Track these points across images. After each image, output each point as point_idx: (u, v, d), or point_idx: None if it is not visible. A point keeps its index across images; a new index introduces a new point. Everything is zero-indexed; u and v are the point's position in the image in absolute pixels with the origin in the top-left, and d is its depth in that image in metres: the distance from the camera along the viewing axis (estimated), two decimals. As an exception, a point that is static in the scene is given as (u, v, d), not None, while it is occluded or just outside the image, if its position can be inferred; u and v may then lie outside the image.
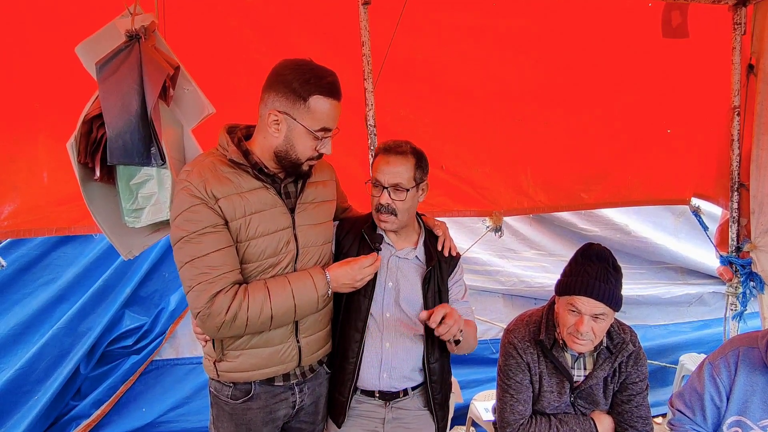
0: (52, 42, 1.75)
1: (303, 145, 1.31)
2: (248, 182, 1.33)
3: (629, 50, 2.42)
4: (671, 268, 3.88)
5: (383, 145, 1.54)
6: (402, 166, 1.49)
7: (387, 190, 1.48)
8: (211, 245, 1.26)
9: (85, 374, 2.88)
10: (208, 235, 1.26)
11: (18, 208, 1.93)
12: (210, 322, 1.26)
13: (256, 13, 2.04)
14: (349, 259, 1.44)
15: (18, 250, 2.80)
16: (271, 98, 1.29)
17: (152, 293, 3.10)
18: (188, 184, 1.27)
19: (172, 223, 1.31)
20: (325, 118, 1.30)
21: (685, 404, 1.69)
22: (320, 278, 1.37)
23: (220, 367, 1.41)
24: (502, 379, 1.68)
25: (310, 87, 1.26)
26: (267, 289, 1.30)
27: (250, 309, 1.27)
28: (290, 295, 1.32)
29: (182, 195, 1.27)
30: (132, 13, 1.48)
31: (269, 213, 1.34)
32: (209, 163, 1.32)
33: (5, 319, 2.78)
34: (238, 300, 1.26)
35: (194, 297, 1.26)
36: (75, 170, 1.46)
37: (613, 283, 1.47)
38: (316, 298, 1.36)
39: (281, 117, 1.28)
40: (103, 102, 1.41)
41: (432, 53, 2.25)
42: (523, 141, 2.48)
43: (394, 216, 1.50)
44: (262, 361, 1.41)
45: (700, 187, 2.74)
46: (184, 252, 1.26)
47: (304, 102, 1.26)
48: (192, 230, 1.25)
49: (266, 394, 1.45)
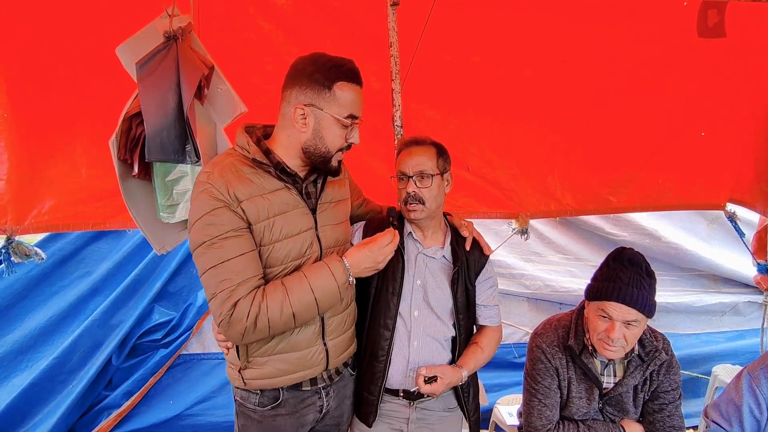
0: (92, 43, 1.82)
1: (332, 135, 1.28)
2: (270, 183, 1.28)
3: (662, 50, 2.35)
4: (703, 276, 3.75)
5: (403, 141, 1.60)
6: (424, 155, 1.52)
7: (412, 179, 1.50)
8: (234, 250, 1.21)
9: (116, 365, 2.98)
10: (231, 239, 1.21)
11: (57, 203, 2.01)
12: (233, 329, 1.21)
13: (286, 15, 2.08)
14: (365, 240, 1.39)
15: (56, 243, 2.93)
16: (294, 93, 1.26)
17: (180, 289, 3.18)
18: (209, 186, 1.21)
19: (191, 227, 1.24)
20: (350, 104, 1.27)
21: (721, 415, 1.63)
22: (337, 266, 1.30)
23: (246, 375, 1.37)
24: (529, 383, 1.66)
25: (333, 74, 1.24)
26: (284, 287, 1.25)
27: (270, 310, 1.22)
28: (308, 289, 1.26)
29: (203, 198, 1.21)
30: (170, 15, 1.53)
31: (292, 214, 1.30)
32: (229, 163, 1.26)
33: (44, 309, 2.90)
34: (257, 303, 1.21)
35: (217, 304, 1.21)
36: (115, 166, 1.52)
37: (646, 288, 1.43)
38: (336, 288, 1.29)
39: (308, 110, 1.25)
40: (142, 100, 1.46)
41: (460, 54, 2.24)
42: (550, 143, 2.44)
43: (422, 204, 1.51)
44: (289, 366, 1.37)
45: (735, 192, 2.65)
46: (206, 258, 1.21)
47: (329, 90, 1.24)
48: (214, 235, 1.20)
49: (294, 399, 1.41)
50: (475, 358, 1.58)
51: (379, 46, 2.07)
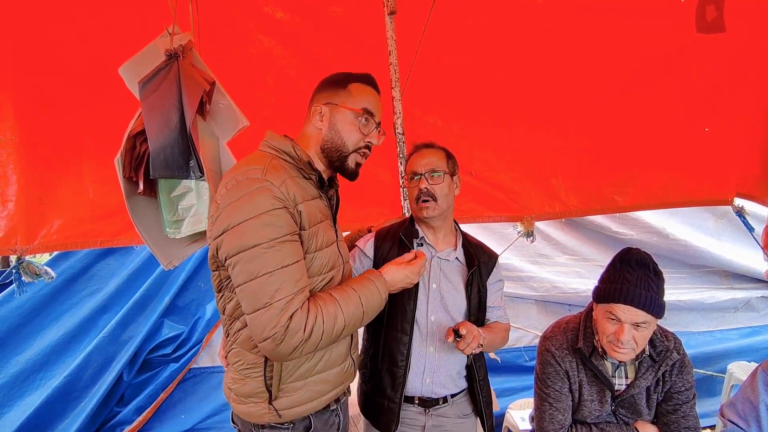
0: (96, 63, 1.85)
1: (347, 126, 1.29)
2: (311, 190, 1.26)
3: (662, 48, 2.35)
4: (714, 272, 3.70)
5: (415, 145, 1.67)
6: (435, 155, 1.60)
7: (425, 176, 1.55)
8: (293, 255, 1.12)
9: (128, 381, 2.99)
10: (288, 243, 1.12)
11: (66, 222, 2.04)
12: (286, 343, 1.10)
13: (285, 28, 2.11)
14: (398, 260, 1.37)
15: (66, 262, 2.96)
16: (314, 101, 1.32)
17: (189, 303, 3.20)
18: (269, 183, 1.12)
19: (237, 228, 1.11)
20: (365, 99, 1.31)
21: (737, 415, 1.61)
22: (381, 281, 1.29)
23: (279, 405, 1.24)
24: (540, 387, 1.64)
25: (349, 77, 1.32)
26: (336, 300, 1.19)
27: (326, 322, 1.15)
28: (359, 302, 1.22)
29: (262, 196, 1.11)
30: (171, 33, 1.55)
31: (325, 225, 1.28)
32: (279, 164, 1.20)
33: (55, 328, 2.93)
34: (313, 314, 1.13)
35: (270, 316, 1.08)
36: (120, 184, 1.53)
37: (654, 289, 1.41)
38: (381, 301, 1.28)
39: (325, 107, 1.29)
40: (145, 118, 1.48)
41: (458, 59, 2.26)
42: (552, 144, 2.44)
43: (435, 202, 1.54)
44: (325, 386, 1.31)
45: (742, 187, 2.62)
46: (260, 262, 1.09)
47: (344, 88, 1.30)
48: (272, 237, 1.10)
49: (321, 423, 1.33)
50: (491, 331, 1.57)
51: (379, 55, 2.09)
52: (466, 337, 1.40)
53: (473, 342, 1.40)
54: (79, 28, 1.84)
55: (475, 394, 1.61)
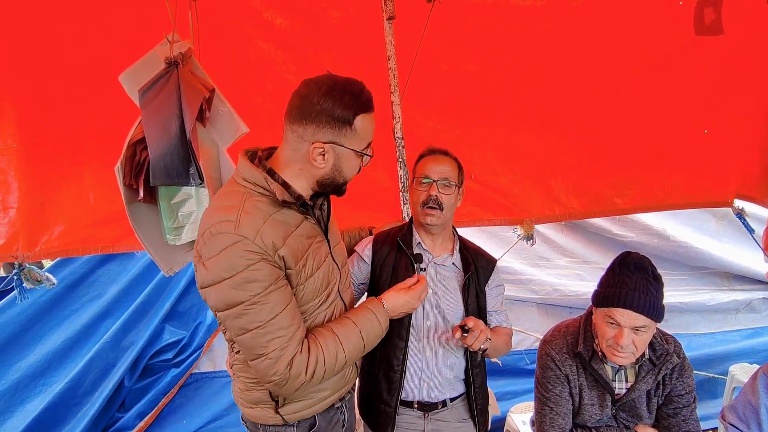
0: (97, 71, 1.85)
1: (351, 167, 1.24)
2: (293, 218, 1.20)
3: (660, 50, 2.35)
4: (715, 274, 3.70)
5: (428, 149, 1.64)
6: (449, 164, 1.59)
7: (436, 183, 1.53)
8: (280, 304, 1.13)
9: (129, 387, 2.99)
10: (273, 293, 1.12)
11: (67, 229, 2.04)
12: (289, 386, 1.16)
13: (284, 34, 2.11)
14: (400, 286, 1.38)
15: (66, 268, 2.97)
16: (310, 131, 1.15)
17: (190, 308, 3.21)
18: (241, 239, 1.08)
19: (218, 285, 1.09)
20: (369, 134, 1.24)
21: (738, 418, 1.61)
22: (381, 312, 1.31)
23: (286, 411, 1.31)
24: (540, 391, 1.64)
25: (353, 109, 1.16)
26: (336, 336, 1.22)
27: (327, 361, 1.19)
28: (359, 335, 1.25)
29: (235, 252, 1.07)
30: (170, 41, 1.56)
31: (315, 245, 1.25)
32: (252, 207, 1.13)
33: (57, 333, 2.94)
34: (314, 355, 1.17)
35: (269, 365, 1.13)
36: (121, 192, 1.54)
37: (653, 293, 1.41)
38: (381, 331, 1.31)
39: (327, 147, 1.16)
40: (145, 126, 1.49)
41: (457, 63, 2.26)
42: (552, 146, 2.44)
43: (440, 211, 1.54)
44: (329, 390, 1.36)
45: (743, 188, 2.62)
46: (247, 318, 1.10)
47: (350, 126, 1.16)
48: (256, 292, 1.09)
49: (325, 422, 1.39)
50: (495, 334, 1.54)
51: (377, 60, 2.10)
52: (474, 331, 1.37)
53: (481, 335, 1.38)
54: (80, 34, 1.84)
55: (471, 400, 1.61)
